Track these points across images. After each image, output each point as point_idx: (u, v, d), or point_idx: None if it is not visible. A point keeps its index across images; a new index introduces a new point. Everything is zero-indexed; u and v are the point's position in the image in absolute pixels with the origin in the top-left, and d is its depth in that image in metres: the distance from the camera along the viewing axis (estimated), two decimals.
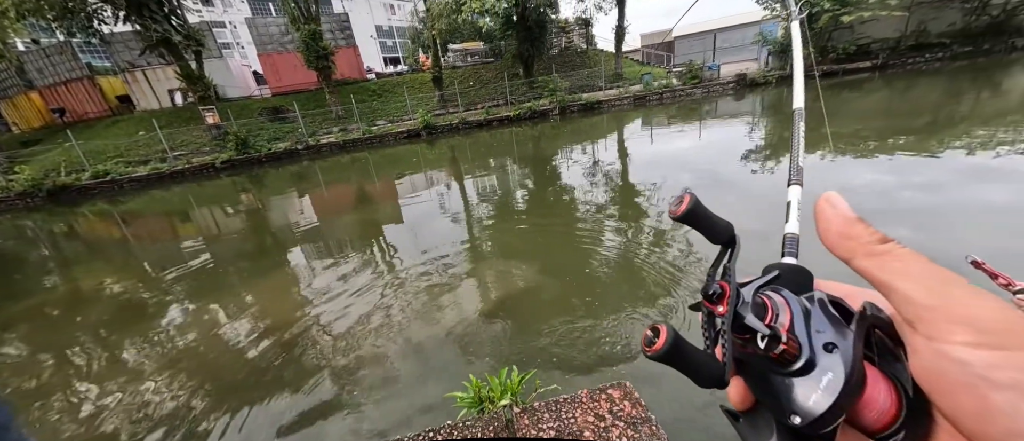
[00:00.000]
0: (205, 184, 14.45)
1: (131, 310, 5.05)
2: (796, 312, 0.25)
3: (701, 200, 0.27)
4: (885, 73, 16.89)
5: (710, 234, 0.28)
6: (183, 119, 19.64)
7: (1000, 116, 7.99)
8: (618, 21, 22.23)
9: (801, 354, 0.23)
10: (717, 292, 0.26)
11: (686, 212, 0.26)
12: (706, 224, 0.27)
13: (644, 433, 1.59)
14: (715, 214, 0.28)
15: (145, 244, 8.54)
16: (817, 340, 0.23)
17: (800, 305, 0.25)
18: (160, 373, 3.56)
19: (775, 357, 0.23)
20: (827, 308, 0.25)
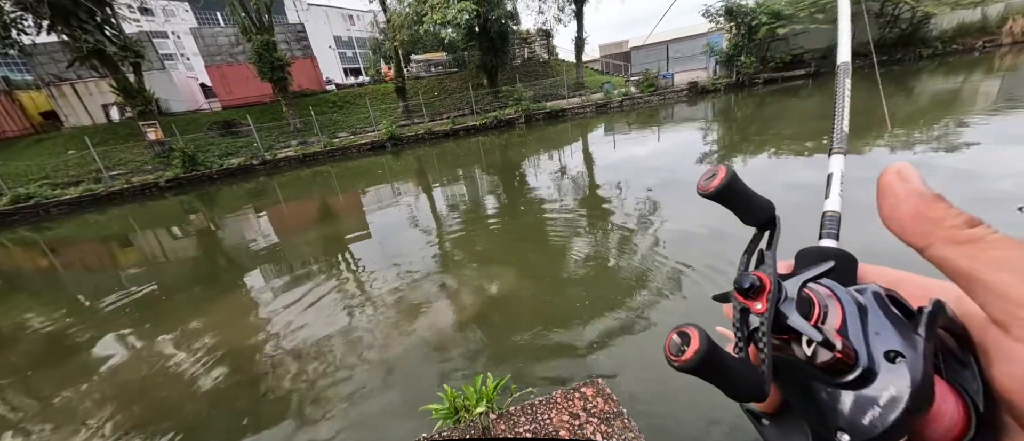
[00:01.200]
0: (148, 205, 13.36)
1: (62, 347, 4.54)
2: (849, 311, 0.21)
3: (738, 175, 0.23)
4: (817, 79, 18.54)
5: (745, 214, 0.24)
6: (120, 136, 18.15)
7: (914, 118, 8.98)
8: (577, 32, 23.05)
9: (857, 363, 0.19)
10: (754, 285, 0.22)
11: (720, 188, 0.22)
12: (742, 203, 0.23)
13: (617, 427, 1.65)
14: (754, 191, 0.24)
15: (77, 273, 7.75)
16: (876, 346, 0.19)
17: (852, 301, 0.21)
18: (99, 414, 3.23)
19: (822, 365, 0.20)
20: (886, 305, 0.21)
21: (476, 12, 17.51)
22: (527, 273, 4.48)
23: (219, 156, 17.12)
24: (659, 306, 3.44)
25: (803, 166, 6.76)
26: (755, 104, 15.32)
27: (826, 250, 0.25)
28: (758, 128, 10.74)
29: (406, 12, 19.34)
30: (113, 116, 20.61)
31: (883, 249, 0.78)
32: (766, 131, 10.13)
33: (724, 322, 0.25)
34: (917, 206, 0.19)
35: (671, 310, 3.38)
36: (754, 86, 19.55)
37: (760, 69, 19.86)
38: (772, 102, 15.12)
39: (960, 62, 16.59)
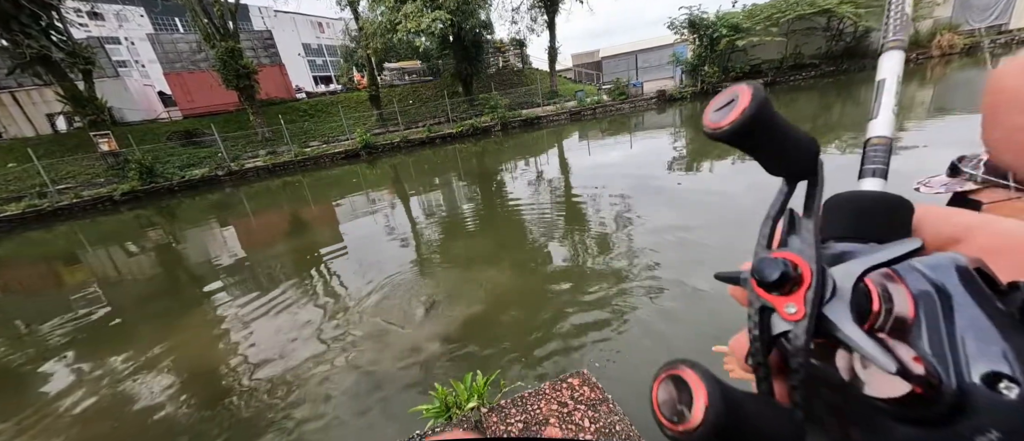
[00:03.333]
0: (100, 220, 12.50)
1: (1, 379, 4.17)
2: (925, 307, 0.14)
3: (769, 100, 0.16)
4: (773, 89, 19.79)
5: (775, 157, 0.17)
6: (68, 148, 16.94)
7: (860, 123, 9.76)
8: (550, 42, 23.61)
9: (941, 394, 0.12)
10: (787, 276, 0.15)
11: (747, 118, 0.15)
12: (773, 138, 0.16)
13: (603, 411, 1.73)
14: (788, 123, 0.17)
15: (16, 296, 7.15)
16: (971, 356, 0.13)
17: (930, 289, 0.14)
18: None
19: (887, 399, 0.13)
20: (978, 288, 0.14)
21: (450, 21, 17.63)
22: (506, 277, 4.53)
23: (180, 167, 16.28)
24: (635, 303, 3.57)
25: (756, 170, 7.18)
26: None
27: (871, 195, 0.17)
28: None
29: (379, 20, 19.22)
30: (60, 126, 19.25)
31: None
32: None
33: (717, 327, 0.16)
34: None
35: (645, 306, 3.51)
36: (718, 94, 20.61)
37: (723, 78, 20.99)
38: None
39: None
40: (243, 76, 17.40)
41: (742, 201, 5.56)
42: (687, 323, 3.18)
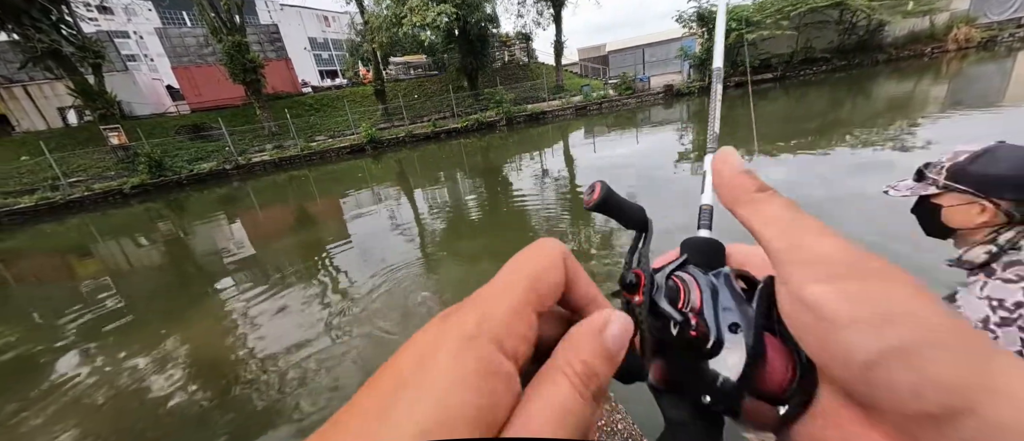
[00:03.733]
0: (111, 213, 12.69)
1: (17, 368, 4.27)
2: (705, 294, 0.24)
3: (613, 188, 0.26)
4: (784, 83, 19.48)
5: (623, 220, 0.27)
6: (79, 141, 17.17)
7: (872, 118, 9.58)
8: (556, 36, 23.39)
9: (709, 337, 0.23)
10: (633, 280, 0.25)
11: (599, 201, 0.25)
12: (618, 211, 0.26)
13: (605, 410, 1.76)
14: (627, 200, 0.27)
15: (31, 287, 7.30)
16: (724, 320, 0.23)
17: (709, 284, 0.25)
18: (65, 437, 3.06)
19: (686, 342, 0.23)
20: (732, 284, 0.25)
21: (455, 15, 17.53)
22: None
23: (188, 161, 16.45)
24: None
25: (771, 165, 7.09)
26: (727, 106, 15.82)
27: (700, 240, 0.28)
28: (730, 129, 11.19)
29: (384, 14, 19.18)
30: (71, 120, 19.51)
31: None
32: (737, 132, 10.57)
33: None
34: (729, 177, 0.23)
35: None
36: (726, 89, 20.23)
37: (731, 73, 20.69)
38: (742, 105, 15.77)
39: (911, 67, 17.78)
40: (250, 70, 17.48)
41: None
42: None
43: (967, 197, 0.95)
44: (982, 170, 0.94)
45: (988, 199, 0.93)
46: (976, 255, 0.96)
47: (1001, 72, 12.83)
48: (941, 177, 1.00)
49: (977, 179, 0.94)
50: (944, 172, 1.00)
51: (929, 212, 1.05)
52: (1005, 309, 0.86)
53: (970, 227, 0.98)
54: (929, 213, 1.06)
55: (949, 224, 1.02)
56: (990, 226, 0.95)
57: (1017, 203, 0.91)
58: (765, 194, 0.22)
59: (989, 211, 0.93)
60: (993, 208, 0.93)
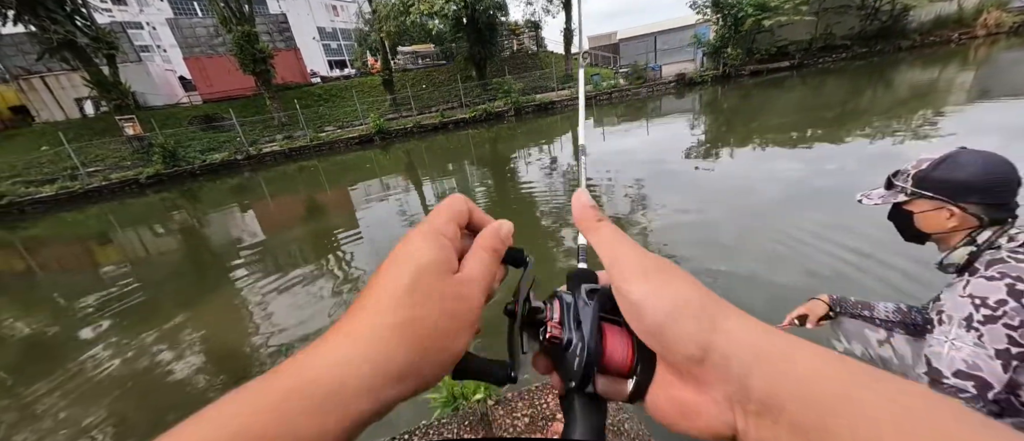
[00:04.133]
0: (128, 202, 13.00)
1: (43, 350, 4.44)
2: (564, 307, 0.31)
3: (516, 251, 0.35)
4: (801, 72, 18.89)
5: (510, 261, 0.34)
6: (96, 131, 17.55)
7: (893, 107, 9.26)
8: (566, 24, 22.96)
9: (564, 334, 0.30)
10: (510, 308, 0.33)
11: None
12: (507, 256, 0.34)
13: (612, 408, 1.72)
14: (512, 248, 0.34)
15: (56, 274, 7.54)
16: (573, 323, 0.30)
17: (566, 301, 0.31)
18: (86, 418, 3.18)
19: (551, 343, 0.30)
20: (585, 296, 0.31)
21: (463, 3, 17.32)
22: None
23: (201, 151, 16.71)
24: None
25: (787, 157, 6.92)
26: (741, 96, 15.56)
27: (575, 270, 0.35)
28: (743, 120, 10.93)
29: (392, 2, 19.04)
30: (88, 111, 19.91)
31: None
32: (751, 123, 10.32)
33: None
34: (579, 211, 0.32)
35: None
36: (740, 78, 19.83)
37: (746, 61, 20.12)
38: (757, 94, 15.37)
39: (937, 54, 17.07)
40: (259, 60, 17.57)
41: (761, 189, 5.39)
42: None
43: (935, 203, 0.99)
44: (944, 176, 0.97)
45: (954, 204, 0.96)
46: (958, 257, 0.98)
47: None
48: (908, 185, 1.03)
49: (940, 185, 0.98)
50: (910, 180, 1.03)
51: (903, 219, 1.08)
52: (988, 307, 0.87)
53: (943, 231, 1.00)
54: (903, 220, 1.08)
55: (923, 229, 1.04)
56: (963, 228, 0.98)
57: (985, 207, 0.94)
58: (600, 223, 0.31)
59: (957, 215, 0.97)
60: (961, 212, 0.96)
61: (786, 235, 4.06)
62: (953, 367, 0.89)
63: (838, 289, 1.61)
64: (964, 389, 0.87)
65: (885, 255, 3.37)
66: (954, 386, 0.88)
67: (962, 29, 18.95)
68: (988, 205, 0.95)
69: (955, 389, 0.88)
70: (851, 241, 3.71)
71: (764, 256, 3.74)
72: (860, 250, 3.54)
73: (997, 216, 0.96)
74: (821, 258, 3.58)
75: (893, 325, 1.34)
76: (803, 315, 1.43)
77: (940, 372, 0.91)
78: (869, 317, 1.38)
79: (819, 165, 6.16)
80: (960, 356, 0.88)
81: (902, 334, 1.32)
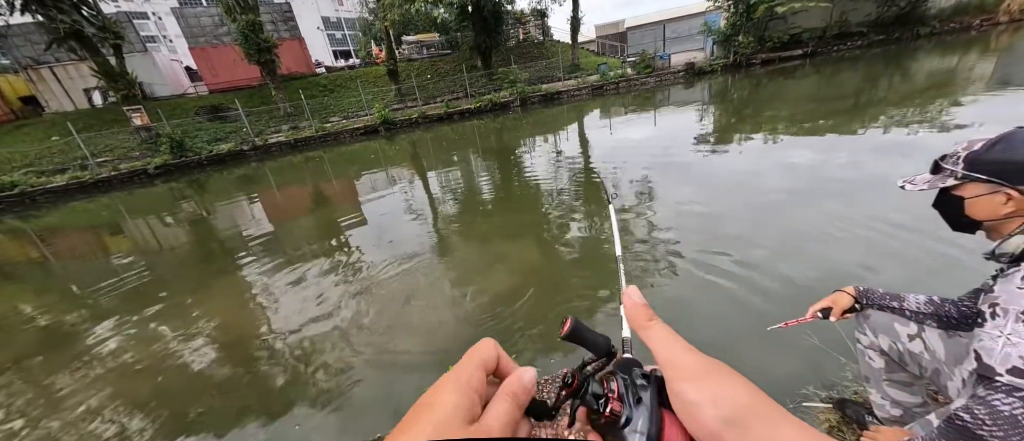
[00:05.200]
0: (137, 192, 13.14)
1: (58, 337, 4.53)
2: (621, 384, 0.33)
3: (582, 323, 0.36)
4: (814, 60, 18.43)
5: (593, 349, 0.36)
6: (105, 121, 17.69)
7: (910, 97, 9.01)
8: (573, 12, 22.56)
9: (624, 410, 0.31)
10: (569, 381, 0.34)
11: (569, 332, 0.35)
12: (588, 341, 0.36)
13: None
14: (593, 332, 0.36)
15: (68, 262, 7.67)
16: (632, 400, 0.32)
17: (624, 380, 0.33)
18: (101, 403, 3.24)
19: (609, 416, 0.31)
20: (639, 378, 0.33)
21: None
22: (523, 257, 4.51)
23: (208, 142, 16.79)
24: (656, 282, 3.49)
25: (800, 148, 6.78)
26: (752, 85, 15.24)
27: (624, 359, 0.38)
28: (754, 110, 10.71)
29: None
30: (96, 101, 20.05)
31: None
32: (762, 113, 10.11)
33: (732, 313, 0.34)
34: (631, 311, 0.35)
35: (663, 285, 3.44)
36: (751, 67, 19.40)
37: (758, 50, 19.66)
38: (769, 83, 15.04)
39: (956, 41, 16.54)
40: (264, 50, 17.51)
41: (769, 183, 5.28)
42: (700, 307, 3.09)
43: (990, 186, 0.91)
44: (1001, 157, 0.90)
45: (1012, 187, 0.89)
46: (1014, 245, 0.91)
47: None
48: (959, 168, 0.96)
49: (997, 167, 0.90)
50: (961, 162, 0.95)
51: (952, 205, 1.00)
52: None
53: (997, 218, 0.93)
54: (952, 206, 1.00)
55: (974, 216, 0.97)
56: (1020, 215, 0.90)
57: None
58: (652, 322, 0.33)
59: (1015, 199, 0.90)
60: (1019, 196, 0.88)
61: (803, 227, 3.98)
62: (1008, 363, 0.84)
63: (858, 280, 1.56)
64: (1020, 387, 0.82)
65: (916, 240, 3.29)
66: (1009, 384, 0.83)
67: (984, 15, 18.31)
68: None
69: (1011, 387, 0.83)
70: (874, 230, 3.63)
71: (777, 248, 3.68)
72: (887, 237, 3.47)
73: None
74: (839, 249, 3.52)
75: (925, 317, 1.27)
76: (826, 308, 1.37)
77: (992, 368, 0.85)
78: (898, 309, 1.31)
79: (831, 155, 6.02)
80: (1017, 352, 0.83)
81: (935, 328, 1.24)
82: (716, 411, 0.26)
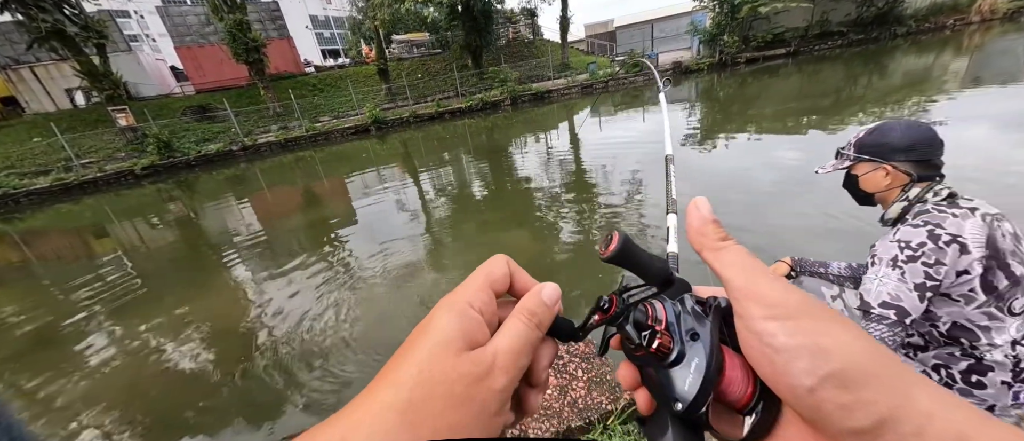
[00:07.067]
0: (124, 194, 12.95)
1: (40, 341, 4.46)
2: (670, 313, 0.28)
3: (631, 238, 0.28)
4: (797, 59, 18.88)
5: (645, 275, 0.29)
6: (88, 122, 17.34)
7: (887, 94, 9.34)
8: (562, 11, 22.74)
9: (674, 345, 0.26)
10: (605, 306, 0.29)
11: (615, 252, 0.27)
12: (639, 265, 0.28)
13: (595, 364, 1.93)
14: (648, 253, 0.29)
15: (52, 265, 7.56)
16: (685, 332, 0.26)
17: (673, 308, 0.28)
18: (85, 408, 3.24)
19: (655, 351, 0.26)
20: (693, 307, 0.28)
21: None
22: (514, 250, 4.62)
23: (196, 142, 16.59)
24: None
25: (785, 145, 7.01)
26: (737, 84, 15.57)
27: (680, 280, 0.32)
28: (740, 108, 10.99)
29: None
30: (79, 101, 19.63)
31: None
32: (747, 111, 10.38)
33: None
34: (698, 225, 0.27)
35: None
36: (736, 66, 19.79)
37: (743, 49, 20.06)
38: (753, 82, 15.38)
39: (932, 41, 17.10)
40: (252, 50, 17.34)
41: (756, 177, 5.48)
42: None
43: (873, 164, 1.16)
44: (876, 140, 1.15)
45: (887, 162, 1.13)
46: (894, 211, 1.15)
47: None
48: (851, 152, 1.21)
49: (874, 148, 1.15)
50: (852, 148, 1.21)
51: (853, 183, 1.24)
52: (910, 249, 1.02)
53: (882, 189, 1.17)
54: (853, 184, 1.24)
55: (867, 190, 1.21)
56: (897, 186, 1.14)
57: (912, 164, 1.11)
58: (727, 242, 0.26)
59: (891, 173, 1.13)
60: (893, 170, 1.13)
61: (790, 220, 4.17)
62: (879, 299, 1.03)
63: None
64: (886, 317, 1.02)
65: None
66: (879, 314, 1.03)
67: (957, 15, 18.96)
68: (914, 162, 1.11)
69: (880, 317, 1.03)
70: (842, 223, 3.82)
71: (766, 238, 3.86)
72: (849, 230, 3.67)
73: (924, 174, 1.11)
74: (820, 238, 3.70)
75: (845, 279, 1.51)
76: None
77: (869, 304, 1.05)
78: (824, 274, 1.55)
79: (815, 152, 6.25)
80: (885, 289, 1.03)
81: (851, 288, 1.49)
82: (816, 363, 0.20)
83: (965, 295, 1.01)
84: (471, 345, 0.25)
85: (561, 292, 0.29)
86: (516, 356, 0.25)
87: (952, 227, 1.00)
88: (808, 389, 0.20)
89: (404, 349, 0.25)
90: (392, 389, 0.22)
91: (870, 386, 0.19)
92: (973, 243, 0.99)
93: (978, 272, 0.99)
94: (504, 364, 0.25)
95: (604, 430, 1.66)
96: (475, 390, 0.23)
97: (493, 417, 0.24)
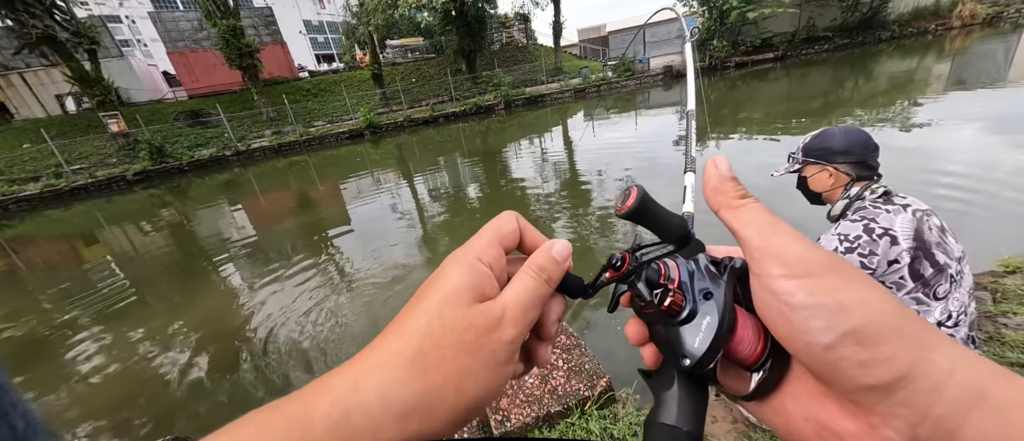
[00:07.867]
0: (116, 200, 12.83)
1: (29, 349, 4.40)
2: (683, 272, 0.27)
3: (650, 193, 0.27)
4: (785, 63, 19.22)
5: (662, 233, 0.28)
6: (79, 128, 17.18)
7: (873, 97, 9.57)
8: (555, 16, 22.98)
9: (686, 304, 0.26)
10: (617, 263, 0.29)
11: (633, 208, 0.26)
12: (655, 221, 0.27)
13: (575, 355, 1.99)
14: (667, 209, 0.28)
15: (40, 273, 7.48)
16: (698, 291, 0.26)
17: (687, 267, 0.28)
18: (77, 417, 3.24)
19: (666, 309, 0.26)
20: (707, 266, 0.28)
21: None
22: None
23: (189, 147, 16.49)
24: None
25: (771, 148, 7.16)
26: (727, 87, 15.83)
27: (696, 240, 0.31)
28: (730, 111, 11.18)
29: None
30: (69, 107, 19.45)
31: None
32: (737, 114, 10.57)
33: None
34: (716, 183, 0.27)
35: None
36: (726, 70, 20.11)
37: (732, 53, 20.41)
38: (742, 86, 15.65)
39: (915, 45, 17.52)
40: (245, 55, 17.31)
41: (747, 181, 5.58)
42: None
43: (818, 166, 1.29)
44: (819, 144, 1.28)
45: (830, 164, 1.25)
46: (837, 209, 1.27)
47: (1005, 49, 12.69)
48: (799, 155, 1.34)
49: (818, 152, 1.28)
50: (800, 152, 1.34)
51: (802, 184, 1.37)
52: (848, 241, 1.14)
53: (827, 189, 1.29)
54: (804, 185, 1.36)
55: (815, 190, 1.33)
56: (840, 185, 1.27)
57: (851, 165, 1.23)
58: (747, 200, 0.25)
59: (834, 174, 1.26)
60: (835, 171, 1.25)
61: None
62: None
63: None
64: None
65: None
66: None
67: (939, 20, 19.45)
68: (853, 163, 1.22)
69: None
70: None
71: None
72: None
73: (863, 174, 1.23)
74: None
75: None
76: None
77: None
78: None
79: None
80: None
81: None
82: (835, 321, 0.20)
83: (896, 282, 1.11)
84: (480, 298, 0.25)
85: (571, 249, 0.29)
86: (525, 310, 0.25)
87: (884, 221, 1.11)
88: (825, 346, 0.20)
89: (414, 301, 0.25)
90: (402, 339, 0.23)
91: (888, 342, 0.19)
92: (903, 235, 1.09)
93: (907, 262, 1.09)
94: (513, 317, 0.25)
95: (582, 414, 1.74)
96: (485, 340, 0.24)
97: (502, 367, 0.24)
